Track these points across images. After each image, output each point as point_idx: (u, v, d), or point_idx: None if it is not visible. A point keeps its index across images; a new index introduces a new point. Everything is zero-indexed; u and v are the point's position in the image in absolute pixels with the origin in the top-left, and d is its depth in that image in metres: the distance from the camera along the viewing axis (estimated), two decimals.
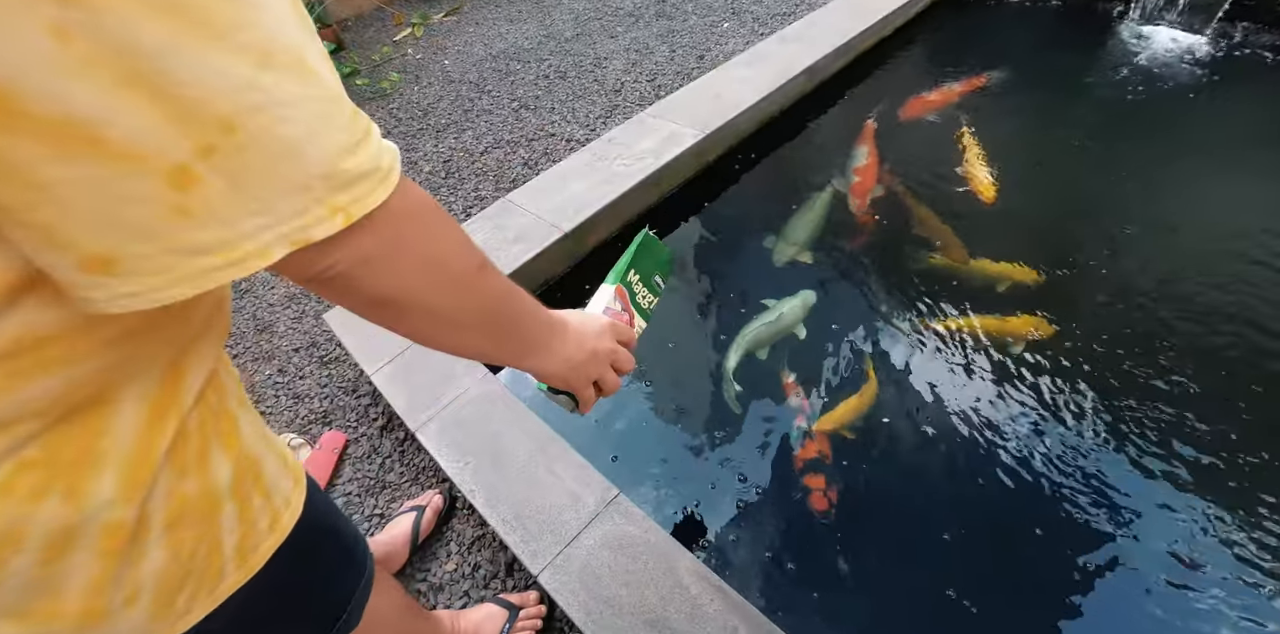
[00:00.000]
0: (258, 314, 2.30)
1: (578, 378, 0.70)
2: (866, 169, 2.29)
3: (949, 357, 1.71)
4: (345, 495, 1.73)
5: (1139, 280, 1.83)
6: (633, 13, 3.92)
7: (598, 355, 0.72)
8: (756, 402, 1.68)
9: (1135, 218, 2.01)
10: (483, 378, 1.54)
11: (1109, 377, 1.61)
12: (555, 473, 1.33)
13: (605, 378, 0.75)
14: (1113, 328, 1.72)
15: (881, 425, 1.58)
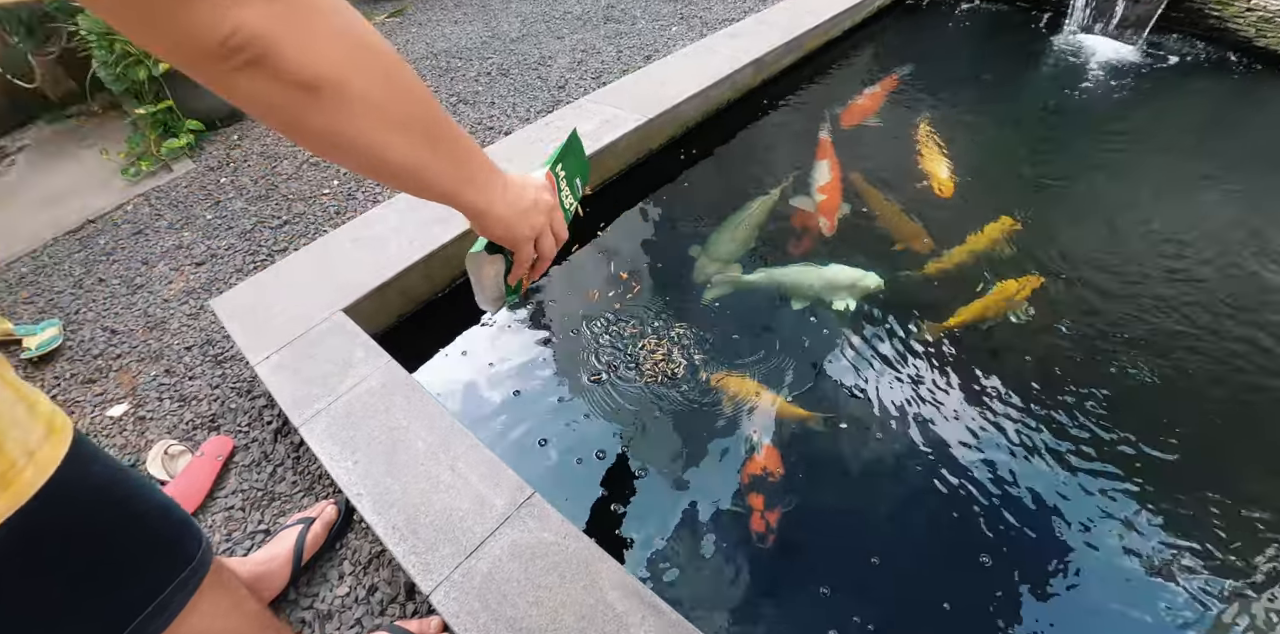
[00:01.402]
0: (150, 311, 2.06)
1: (521, 225, 0.68)
2: (831, 186, 2.10)
3: (913, 371, 1.54)
4: (227, 510, 1.48)
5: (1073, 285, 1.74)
6: (580, 17, 3.85)
7: (539, 205, 0.71)
8: (706, 403, 1.49)
9: (1065, 214, 1.95)
10: (385, 364, 1.32)
11: (1066, 388, 1.48)
12: (459, 471, 1.11)
13: (544, 237, 0.73)
14: (1055, 333, 1.61)
15: (838, 441, 1.41)
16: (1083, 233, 1.88)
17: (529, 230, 0.70)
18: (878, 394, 1.48)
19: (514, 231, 0.69)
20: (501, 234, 0.68)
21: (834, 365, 1.56)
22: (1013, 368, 1.51)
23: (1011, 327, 1.62)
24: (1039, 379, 1.48)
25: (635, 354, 1.62)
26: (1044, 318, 1.62)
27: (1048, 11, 3.24)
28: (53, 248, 2.44)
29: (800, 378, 1.54)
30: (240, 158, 2.79)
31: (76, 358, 1.94)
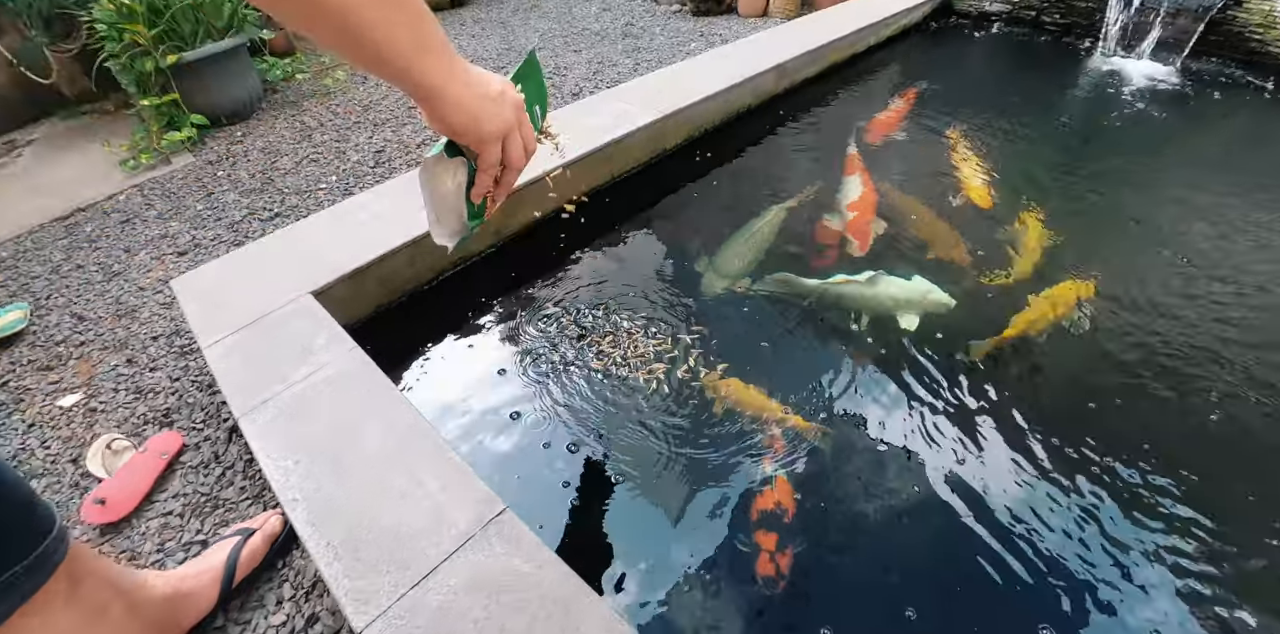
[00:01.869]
0: (122, 299, 1.96)
1: (488, 114, 0.60)
2: (862, 203, 1.90)
3: (950, 395, 1.33)
4: (164, 515, 1.33)
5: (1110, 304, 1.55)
6: (599, 33, 3.81)
7: (507, 97, 0.63)
8: (712, 419, 1.30)
9: (1100, 239, 1.77)
10: (348, 352, 1.16)
11: (1111, 425, 1.28)
12: (417, 478, 0.93)
13: (513, 139, 0.64)
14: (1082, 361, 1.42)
15: (862, 473, 1.20)
16: (1114, 255, 1.70)
17: (499, 125, 0.62)
18: (910, 421, 1.28)
19: (479, 121, 0.60)
20: (464, 122, 0.59)
21: (863, 385, 1.36)
22: (1055, 398, 1.32)
23: (1054, 352, 1.43)
24: (1080, 413, 1.29)
25: (634, 361, 1.44)
26: (1086, 346, 1.44)
27: (1079, 34, 3.14)
28: (38, 234, 2.34)
29: (822, 397, 1.34)
30: (241, 153, 2.70)
31: (38, 343, 1.82)
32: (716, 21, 3.89)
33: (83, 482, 1.42)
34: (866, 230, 1.78)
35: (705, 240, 1.83)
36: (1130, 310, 1.51)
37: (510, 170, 0.68)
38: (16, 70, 3.27)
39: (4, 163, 2.98)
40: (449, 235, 0.71)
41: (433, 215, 0.69)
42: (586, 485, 1.17)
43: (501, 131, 0.62)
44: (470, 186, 0.67)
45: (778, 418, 1.27)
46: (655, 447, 1.23)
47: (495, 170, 0.66)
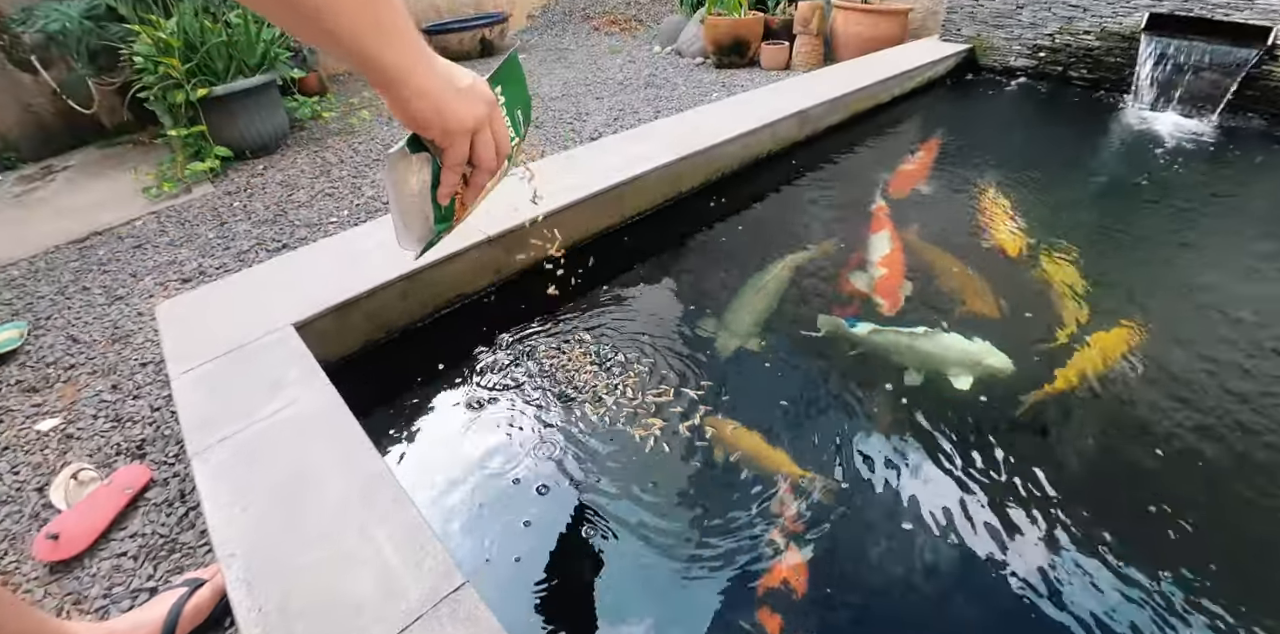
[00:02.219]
0: (120, 323, 1.93)
1: (456, 106, 0.57)
2: (891, 260, 1.78)
3: (978, 475, 1.21)
4: (117, 556, 1.24)
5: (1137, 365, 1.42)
6: (622, 82, 3.87)
7: (478, 91, 0.60)
8: (717, 488, 1.18)
9: (1133, 296, 1.65)
10: (320, 389, 1.08)
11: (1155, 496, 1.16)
12: (371, 537, 0.84)
13: (483, 136, 0.61)
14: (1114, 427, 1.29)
15: (878, 556, 1.07)
16: (1155, 310, 1.57)
17: (466, 117, 0.58)
18: (946, 491, 1.15)
19: (445, 114, 0.56)
20: (427, 113, 0.55)
21: (891, 448, 1.23)
22: (1099, 464, 1.19)
23: (1097, 413, 1.30)
24: (1123, 482, 1.16)
25: (632, 413, 1.34)
26: (1128, 407, 1.31)
27: (1108, 89, 3.10)
28: (53, 255, 2.35)
29: (843, 460, 1.21)
30: (259, 185, 2.72)
31: (29, 364, 1.78)
32: (739, 74, 3.93)
33: (44, 513, 1.34)
34: (896, 290, 1.66)
35: (716, 289, 1.74)
36: (1171, 370, 1.38)
37: (480, 170, 0.63)
38: (61, 100, 3.40)
39: (37, 186, 3.05)
40: (415, 240, 0.66)
41: (398, 218, 0.64)
42: (564, 560, 1.04)
43: (468, 126, 0.58)
44: (436, 186, 0.62)
45: (790, 480, 1.15)
46: (647, 517, 1.11)
47: (461, 168, 0.61)
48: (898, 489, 1.14)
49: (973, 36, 3.43)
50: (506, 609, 0.83)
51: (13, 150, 3.40)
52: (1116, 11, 2.94)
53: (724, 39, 3.91)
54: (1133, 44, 2.93)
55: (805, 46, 3.83)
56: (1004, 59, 3.38)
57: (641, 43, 4.91)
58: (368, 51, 0.51)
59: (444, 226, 0.67)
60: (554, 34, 5.43)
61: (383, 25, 0.51)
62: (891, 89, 2.90)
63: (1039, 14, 3.17)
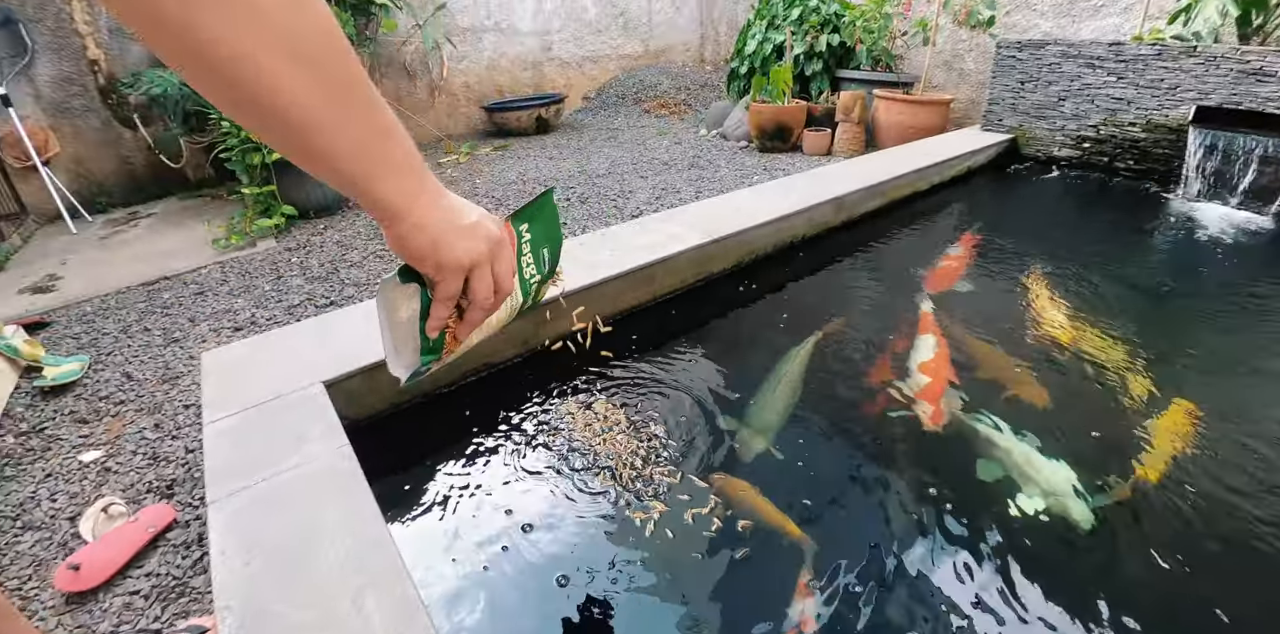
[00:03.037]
0: (171, 364, 2.05)
1: (452, 243, 0.54)
2: (935, 366, 1.68)
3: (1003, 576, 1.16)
4: (130, 594, 1.27)
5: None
6: (667, 162, 4.05)
7: (481, 230, 0.57)
8: (740, 587, 1.13)
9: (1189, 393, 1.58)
10: (337, 449, 1.12)
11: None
12: (361, 606, 0.84)
13: (480, 274, 0.58)
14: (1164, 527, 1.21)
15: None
16: (1223, 407, 1.51)
17: (461, 254, 0.55)
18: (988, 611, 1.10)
19: (440, 249, 0.54)
20: (421, 247, 0.54)
21: (927, 555, 1.16)
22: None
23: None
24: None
25: (641, 499, 1.33)
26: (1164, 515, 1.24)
27: (1156, 180, 3.10)
28: (123, 295, 2.53)
29: (874, 566, 1.14)
30: (317, 243, 2.91)
31: (84, 396, 1.90)
32: (781, 158, 4.08)
33: (71, 542, 1.39)
34: (939, 399, 1.55)
35: (742, 373, 1.72)
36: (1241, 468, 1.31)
37: (474, 307, 0.61)
38: (154, 154, 3.74)
39: (122, 230, 3.32)
40: (403, 366, 0.65)
41: (389, 343, 0.63)
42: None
43: (464, 263, 0.56)
44: (425, 317, 0.61)
45: (807, 579, 1.11)
46: (655, 609, 1.08)
47: (452, 303, 0.60)
48: (926, 592, 1.09)
49: (1015, 127, 3.50)
50: None
51: (105, 195, 3.74)
52: (1162, 104, 2.98)
53: (768, 125, 4.09)
54: (1180, 136, 2.94)
55: (847, 134, 3.97)
56: (1047, 149, 3.43)
57: (689, 126, 5.17)
58: (371, 189, 0.49)
59: (431, 358, 0.65)
60: (606, 115, 5.76)
61: (393, 166, 0.50)
62: (930, 177, 2.96)
63: (1082, 106, 3.24)
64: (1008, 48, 3.39)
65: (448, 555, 1.17)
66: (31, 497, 1.52)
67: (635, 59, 6.23)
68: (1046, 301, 2.02)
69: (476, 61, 5.23)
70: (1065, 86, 3.27)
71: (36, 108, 3.47)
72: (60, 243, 3.18)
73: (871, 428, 1.50)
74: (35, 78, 3.43)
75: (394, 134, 0.50)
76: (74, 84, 3.54)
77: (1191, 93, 2.87)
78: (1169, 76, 2.93)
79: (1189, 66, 2.84)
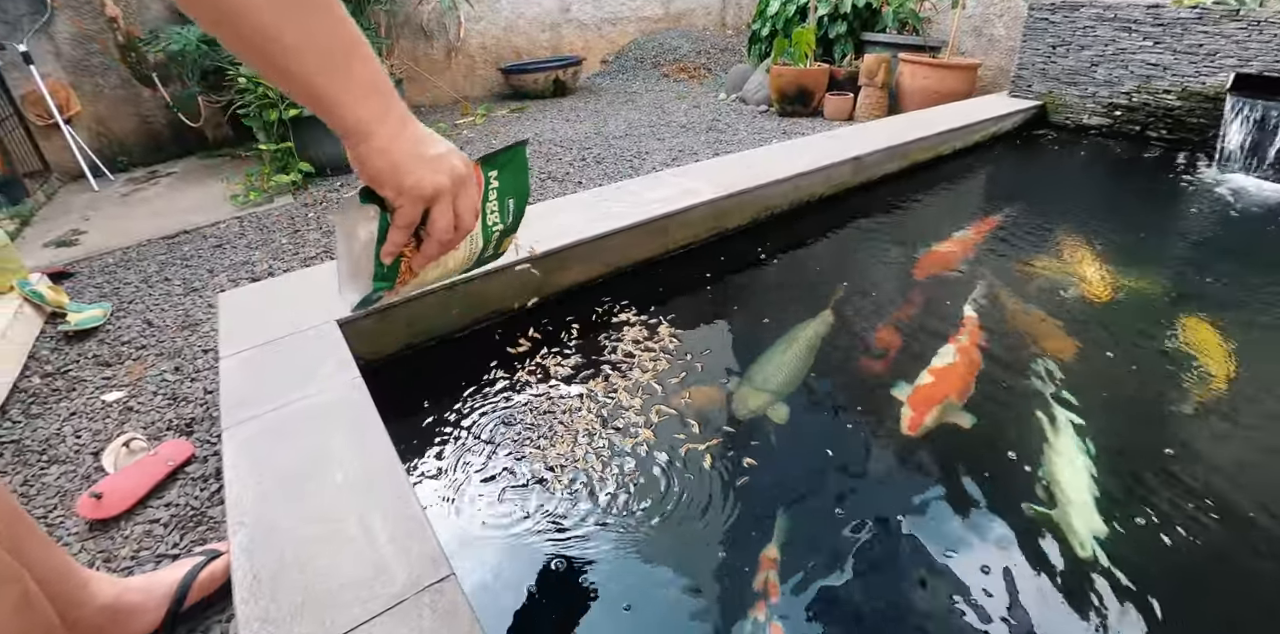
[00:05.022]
0: (191, 312, 2.08)
1: (415, 170, 0.55)
2: (947, 375, 1.50)
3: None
4: (150, 522, 1.30)
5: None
6: (685, 125, 3.99)
7: (445, 163, 0.58)
8: (729, 528, 1.15)
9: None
10: (350, 380, 1.13)
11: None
12: (369, 524, 0.86)
13: (441, 206, 0.59)
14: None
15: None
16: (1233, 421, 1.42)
17: (424, 184, 0.56)
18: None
19: (401, 174, 0.55)
20: (383, 172, 0.54)
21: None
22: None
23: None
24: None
25: (638, 441, 1.35)
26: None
27: (1191, 150, 2.99)
28: (144, 247, 2.57)
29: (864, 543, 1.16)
30: (334, 200, 2.92)
31: (107, 341, 1.94)
32: (801, 122, 4.00)
33: (94, 475, 1.43)
34: (926, 409, 1.38)
35: (751, 331, 1.71)
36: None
37: (432, 240, 0.61)
38: (173, 113, 3.75)
39: (143, 188, 3.35)
40: (351, 287, 0.64)
41: (343, 264, 0.63)
42: (555, 576, 1.04)
43: (425, 192, 0.57)
44: (381, 242, 0.60)
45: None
46: (643, 548, 1.09)
47: (408, 230, 0.60)
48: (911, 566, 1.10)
49: (1044, 93, 3.40)
50: (488, 608, 0.84)
51: (126, 154, 3.76)
52: (1200, 71, 2.86)
53: (789, 88, 4.00)
54: (1217, 105, 2.83)
55: (870, 98, 3.87)
56: (1077, 117, 3.33)
57: (708, 90, 5.07)
58: (334, 107, 0.51)
59: (383, 285, 0.64)
60: (625, 78, 5.67)
61: (354, 79, 0.51)
62: (954, 141, 2.89)
63: (1115, 72, 3.12)
64: (1040, 9, 3.27)
65: (454, 483, 1.19)
66: (57, 433, 1.57)
67: (655, 22, 6.10)
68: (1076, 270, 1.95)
69: (494, 23, 5.15)
70: (1099, 51, 3.15)
71: (57, 65, 3.49)
72: (83, 200, 3.22)
73: (860, 414, 1.42)
74: (55, 35, 3.44)
75: (358, 53, 0.51)
76: (93, 42, 3.54)
77: (1231, 59, 2.75)
78: (1209, 42, 2.80)
79: (1230, 31, 2.72)
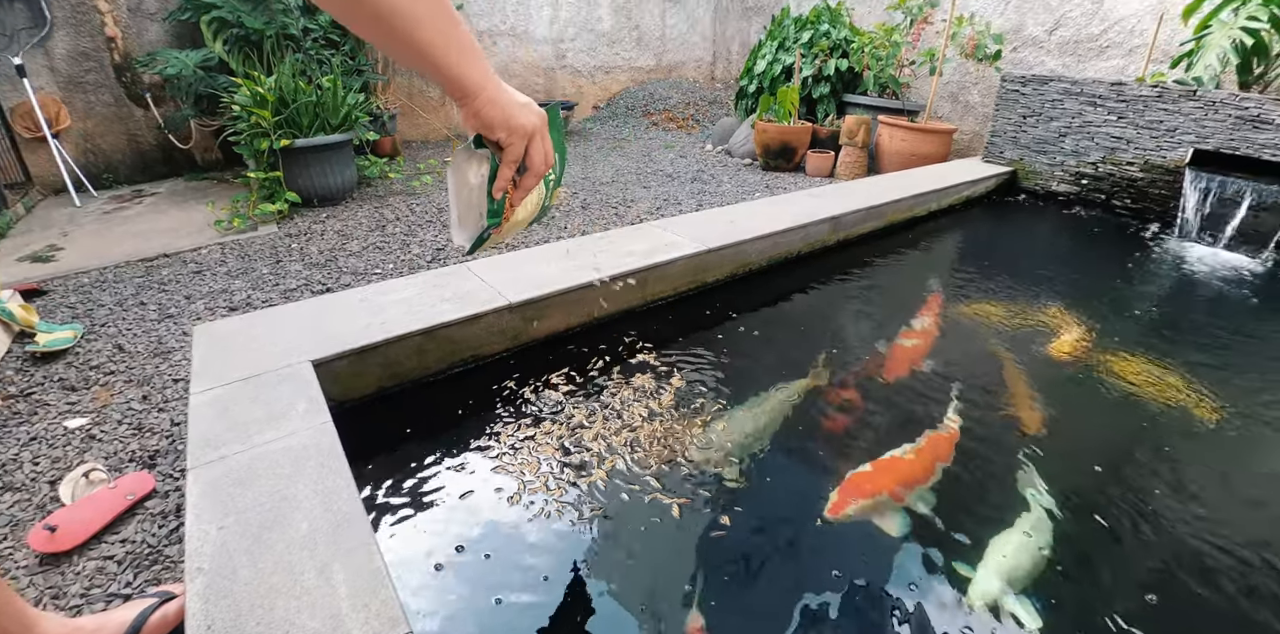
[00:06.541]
0: (164, 339, 2.06)
1: (518, 115, 0.69)
2: (886, 468, 1.38)
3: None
4: (104, 559, 1.27)
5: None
6: (671, 175, 4.10)
7: (534, 108, 0.72)
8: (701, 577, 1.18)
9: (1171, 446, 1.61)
10: (320, 425, 1.14)
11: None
12: (328, 575, 0.86)
13: (536, 143, 0.72)
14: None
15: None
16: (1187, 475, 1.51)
17: (526, 123, 0.70)
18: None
19: (510, 117, 0.68)
20: (495, 118, 0.67)
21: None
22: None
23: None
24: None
25: (607, 498, 1.35)
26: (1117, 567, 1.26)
27: (1151, 219, 3.14)
28: (121, 269, 2.55)
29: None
30: (318, 231, 2.93)
31: (74, 364, 1.91)
32: (784, 177, 4.14)
33: (50, 505, 1.40)
34: (850, 499, 1.28)
35: (721, 390, 1.69)
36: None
37: (530, 173, 0.74)
38: (163, 134, 3.77)
39: (126, 206, 3.34)
40: (467, 234, 0.78)
41: (454, 212, 0.77)
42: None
43: (528, 129, 0.70)
44: (492, 181, 0.73)
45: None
46: (605, 612, 1.10)
47: (515, 165, 0.72)
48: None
49: (1015, 160, 3.57)
50: None
51: (112, 172, 3.76)
52: (1160, 145, 3.04)
53: (772, 143, 4.15)
54: (1177, 178, 2.99)
55: (849, 157, 4.03)
56: (1046, 184, 3.49)
57: (695, 141, 5.24)
58: (451, 67, 0.63)
59: (494, 221, 0.77)
60: (614, 125, 5.83)
61: (464, 47, 0.63)
62: (929, 203, 3.01)
63: (1081, 143, 3.30)
64: (1012, 81, 3.46)
65: (419, 535, 1.19)
66: (14, 459, 1.53)
67: (647, 72, 6.32)
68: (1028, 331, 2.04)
69: (490, 65, 5.30)
70: (1067, 123, 3.33)
71: (51, 80, 3.51)
72: (63, 215, 3.20)
73: (805, 487, 1.36)
74: (51, 50, 3.47)
75: (463, 27, 0.63)
76: (90, 59, 3.58)
77: (1190, 136, 2.93)
78: (1168, 118, 2.99)
79: (1188, 110, 2.91)
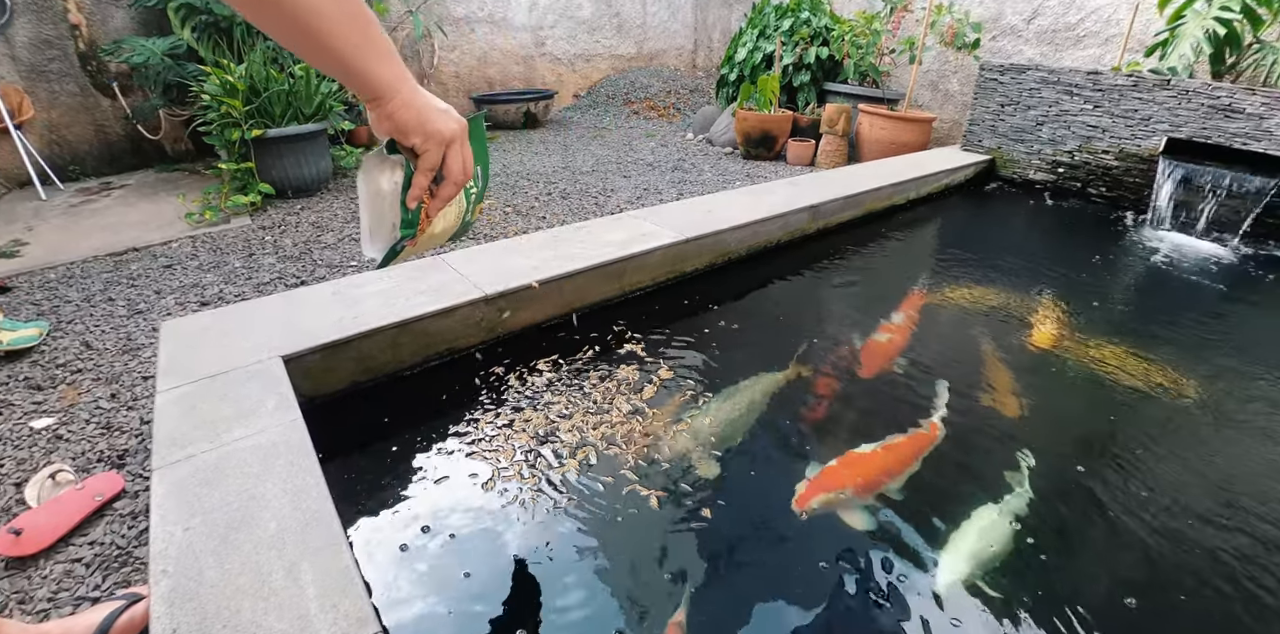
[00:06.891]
0: (133, 336, 2.02)
1: (434, 120, 0.65)
2: (853, 464, 1.38)
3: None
4: (72, 562, 1.24)
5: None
6: (651, 164, 4.08)
7: (453, 114, 0.68)
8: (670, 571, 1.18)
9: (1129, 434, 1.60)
10: (290, 422, 1.12)
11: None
12: (296, 575, 0.85)
13: (455, 151, 0.68)
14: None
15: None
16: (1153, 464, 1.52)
17: (444, 127, 0.65)
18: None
19: (426, 121, 0.64)
20: (410, 122, 0.63)
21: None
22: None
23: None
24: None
25: (583, 487, 1.35)
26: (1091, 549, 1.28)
27: (1126, 207, 3.18)
28: (89, 264, 2.49)
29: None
30: (293, 223, 2.88)
31: (40, 362, 1.87)
32: (764, 166, 4.13)
33: (15, 507, 1.37)
34: (816, 493, 1.29)
35: (701, 380, 1.68)
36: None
37: (448, 182, 0.69)
38: (131, 125, 3.68)
39: (94, 199, 3.26)
40: (379, 246, 0.72)
41: (366, 221, 0.71)
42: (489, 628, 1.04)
43: (446, 136, 0.66)
44: (406, 190, 0.68)
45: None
46: (577, 609, 1.09)
47: (432, 173, 0.68)
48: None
49: (993, 148, 3.58)
50: None
51: (78, 164, 3.66)
52: (1135, 134, 3.06)
53: (753, 132, 4.14)
54: (1151, 166, 3.02)
55: (830, 145, 4.03)
56: (1023, 172, 3.51)
57: (676, 129, 5.21)
58: (365, 69, 0.60)
59: (408, 233, 0.71)
60: (595, 114, 5.78)
61: (378, 47, 0.60)
62: (908, 192, 3.02)
63: (1058, 132, 3.32)
64: (990, 70, 3.47)
65: (391, 532, 1.17)
66: None
67: (628, 60, 6.26)
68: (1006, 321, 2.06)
69: (468, 52, 5.22)
70: (1044, 112, 3.35)
71: (12, 69, 3.40)
72: (28, 208, 3.12)
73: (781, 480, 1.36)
74: (12, 38, 3.36)
75: (377, 26, 0.60)
76: (53, 47, 3.47)
77: (1164, 125, 2.96)
78: (1143, 108, 3.01)
79: (1162, 99, 2.93)
